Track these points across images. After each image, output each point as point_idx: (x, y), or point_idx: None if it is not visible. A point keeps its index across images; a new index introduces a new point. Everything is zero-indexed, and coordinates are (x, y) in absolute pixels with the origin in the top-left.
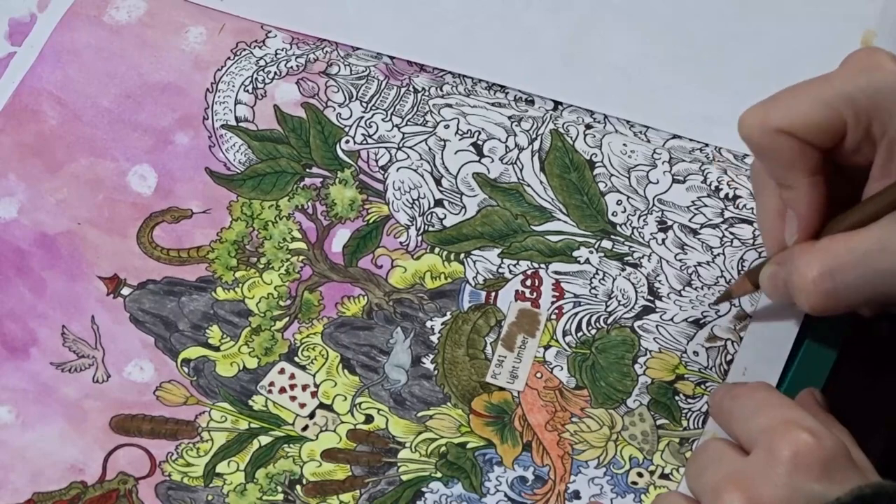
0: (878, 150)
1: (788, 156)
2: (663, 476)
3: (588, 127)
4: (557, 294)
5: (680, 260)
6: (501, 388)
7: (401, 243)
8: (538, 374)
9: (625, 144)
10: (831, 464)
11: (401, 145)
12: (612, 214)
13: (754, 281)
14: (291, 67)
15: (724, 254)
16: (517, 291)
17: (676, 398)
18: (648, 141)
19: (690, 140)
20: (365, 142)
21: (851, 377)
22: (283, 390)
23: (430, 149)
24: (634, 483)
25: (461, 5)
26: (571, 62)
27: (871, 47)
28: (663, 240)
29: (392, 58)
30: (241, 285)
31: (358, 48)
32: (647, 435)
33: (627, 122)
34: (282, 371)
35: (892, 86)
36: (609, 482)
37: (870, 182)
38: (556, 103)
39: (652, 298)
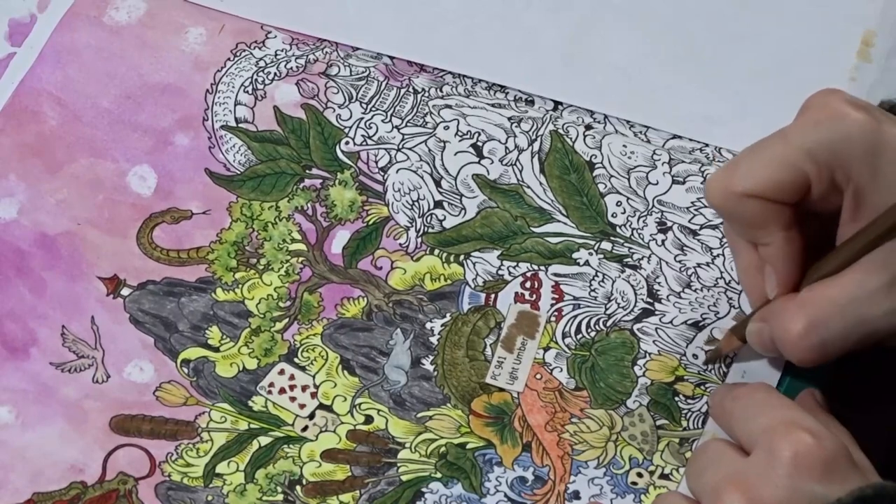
0: (844, 198)
1: (757, 217)
2: (663, 476)
3: (588, 128)
4: (557, 296)
5: (679, 261)
6: (501, 389)
7: (400, 245)
8: (538, 376)
9: (624, 146)
10: (832, 464)
11: (400, 147)
12: (612, 216)
13: (741, 336)
14: (291, 68)
15: (723, 255)
16: (517, 293)
17: (676, 399)
18: (648, 141)
19: (690, 140)
20: (365, 143)
21: (852, 378)
22: (282, 391)
23: (429, 150)
24: (634, 483)
25: (461, 5)
26: (571, 62)
27: (828, 89)
28: (663, 241)
29: (392, 58)
30: (240, 286)
31: (358, 48)
32: (646, 435)
33: (627, 122)
34: (281, 372)
35: (849, 134)
36: (609, 482)
37: (841, 227)
38: (556, 104)
39: (651, 301)
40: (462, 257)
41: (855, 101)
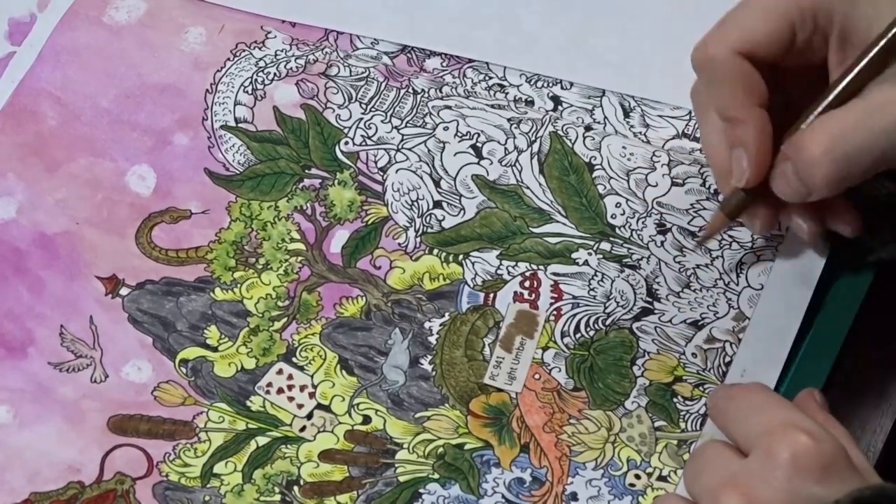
0: (830, 41)
1: (745, 81)
2: (661, 478)
3: (588, 129)
4: (556, 295)
5: (679, 262)
6: (499, 390)
7: (399, 244)
8: (536, 376)
9: (624, 147)
10: (830, 466)
11: (400, 147)
12: (611, 217)
13: (729, 213)
14: (291, 69)
15: (722, 256)
16: (516, 293)
17: (674, 400)
18: (648, 142)
19: (690, 140)
20: (364, 143)
21: (852, 377)
22: (280, 391)
23: (429, 150)
24: (632, 485)
25: (461, 5)
26: (572, 62)
27: None
28: (662, 242)
29: (392, 57)
30: (239, 286)
31: (357, 49)
32: (644, 437)
33: (627, 123)
34: (280, 372)
35: None
36: (607, 484)
37: (831, 75)
38: (556, 104)
39: (650, 300)
40: (461, 257)
41: None
